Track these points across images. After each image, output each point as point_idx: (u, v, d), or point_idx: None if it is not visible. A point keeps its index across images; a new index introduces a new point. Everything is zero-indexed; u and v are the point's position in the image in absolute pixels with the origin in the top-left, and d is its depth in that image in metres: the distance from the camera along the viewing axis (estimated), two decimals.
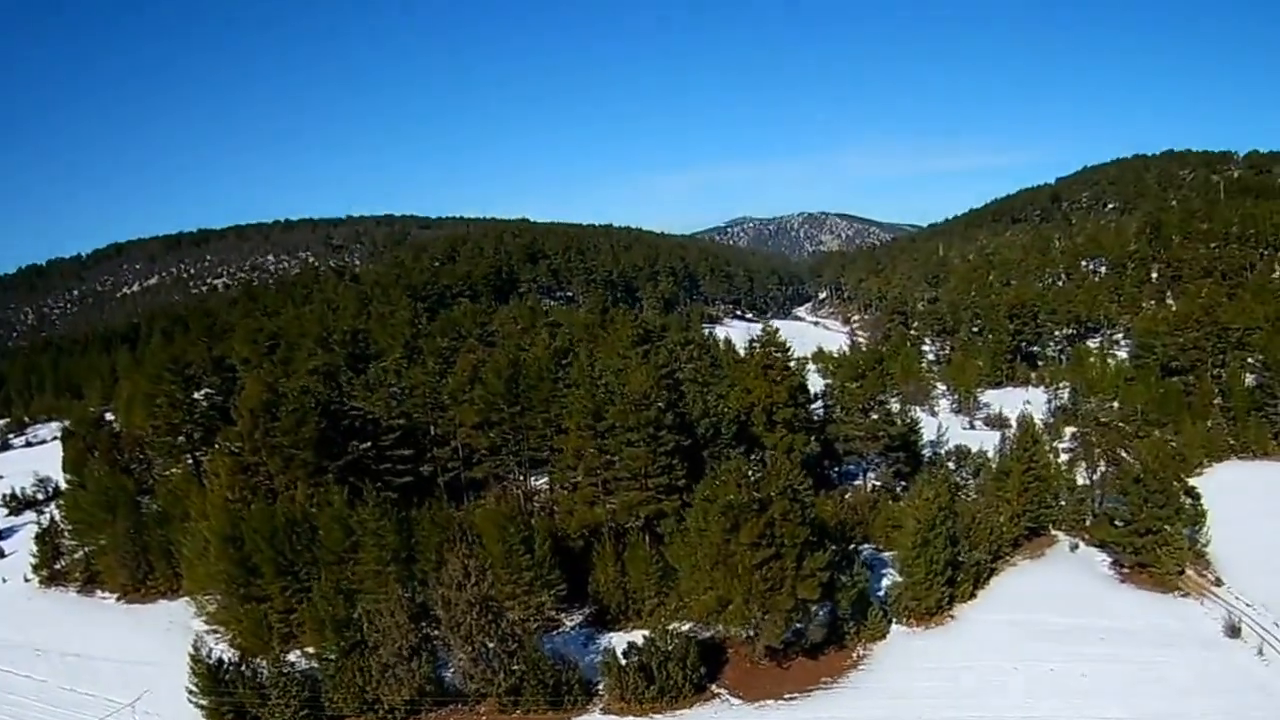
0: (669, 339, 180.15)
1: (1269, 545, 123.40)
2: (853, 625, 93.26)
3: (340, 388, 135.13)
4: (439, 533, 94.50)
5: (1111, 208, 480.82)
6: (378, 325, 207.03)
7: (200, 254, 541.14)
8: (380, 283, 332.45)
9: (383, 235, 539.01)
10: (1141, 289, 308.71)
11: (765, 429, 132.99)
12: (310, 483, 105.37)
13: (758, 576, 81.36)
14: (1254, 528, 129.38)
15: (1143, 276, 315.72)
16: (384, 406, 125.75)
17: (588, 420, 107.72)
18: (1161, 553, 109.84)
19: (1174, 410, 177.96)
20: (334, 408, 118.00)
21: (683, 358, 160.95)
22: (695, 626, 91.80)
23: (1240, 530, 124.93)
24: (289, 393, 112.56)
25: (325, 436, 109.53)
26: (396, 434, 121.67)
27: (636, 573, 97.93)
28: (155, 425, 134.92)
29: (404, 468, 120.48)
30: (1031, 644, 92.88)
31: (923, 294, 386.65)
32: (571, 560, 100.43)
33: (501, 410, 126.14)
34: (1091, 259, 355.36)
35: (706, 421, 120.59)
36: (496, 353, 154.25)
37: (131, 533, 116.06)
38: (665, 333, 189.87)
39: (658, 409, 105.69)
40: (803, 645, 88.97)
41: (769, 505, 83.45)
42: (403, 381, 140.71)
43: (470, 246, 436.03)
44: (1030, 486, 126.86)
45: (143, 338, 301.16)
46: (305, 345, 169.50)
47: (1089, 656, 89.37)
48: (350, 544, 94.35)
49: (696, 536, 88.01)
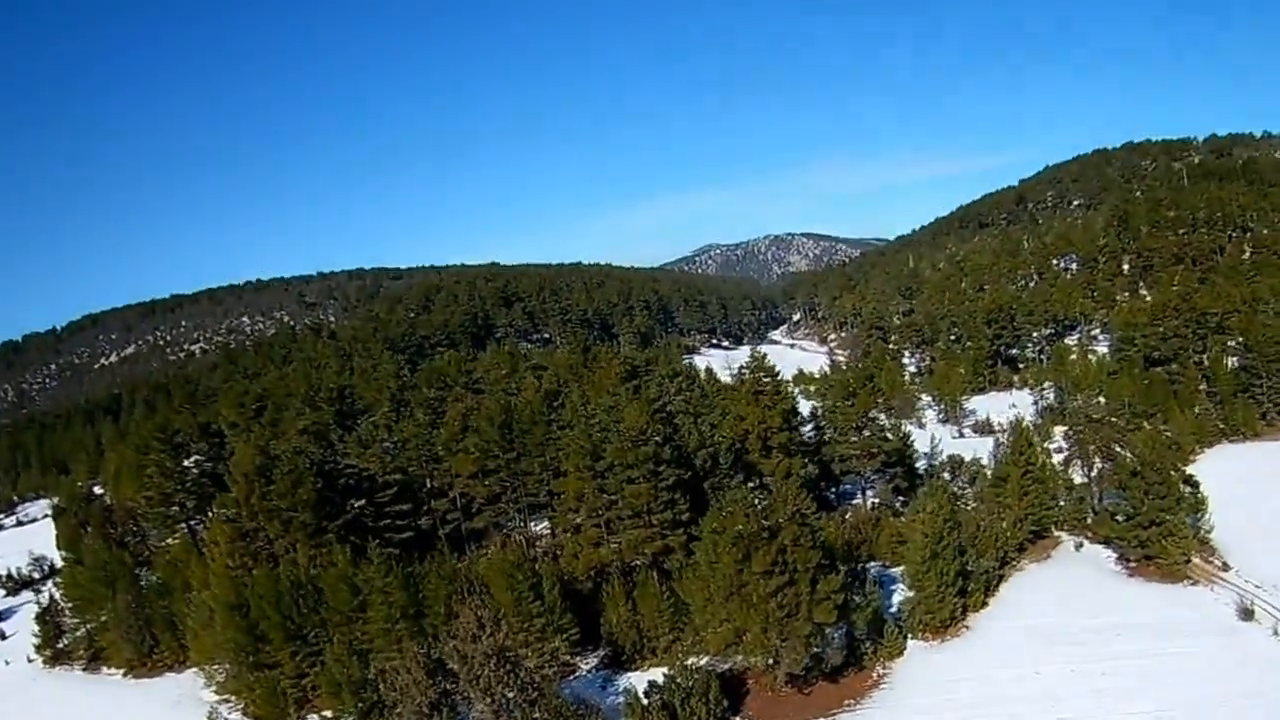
0: (656, 373, 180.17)
1: (1271, 526, 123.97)
2: (870, 645, 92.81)
3: (332, 446, 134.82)
4: (446, 586, 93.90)
5: (1077, 204, 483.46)
6: (362, 380, 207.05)
7: (175, 320, 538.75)
8: (358, 337, 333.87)
9: (355, 289, 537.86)
10: (1114, 282, 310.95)
11: (761, 455, 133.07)
12: (311, 544, 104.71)
13: (773, 604, 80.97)
14: (1254, 509, 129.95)
15: (1114, 270, 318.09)
16: (378, 462, 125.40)
17: (586, 461, 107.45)
18: (1167, 543, 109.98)
19: (1161, 400, 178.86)
20: (328, 467, 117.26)
21: (671, 390, 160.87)
22: (712, 660, 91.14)
23: (1240, 513, 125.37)
24: (282, 455, 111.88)
25: (322, 496, 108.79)
26: (393, 489, 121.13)
27: (648, 610, 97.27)
28: (147, 496, 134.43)
29: (403, 523, 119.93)
30: (1049, 647, 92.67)
31: (897, 307, 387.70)
32: (581, 603, 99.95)
33: (497, 457, 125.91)
34: (1062, 257, 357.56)
35: (704, 453, 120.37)
36: (485, 400, 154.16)
37: (133, 607, 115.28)
38: (652, 367, 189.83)
39: (655, 444, 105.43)
40: (822, 669, 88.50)
41: (779, 532, 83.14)
42: (394, 436, 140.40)
43: (444, 295, 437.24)
44: (1029, 489, 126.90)
45: (125, 408, 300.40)
46: (293, 405, 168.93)
47: (1108, 654, 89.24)
48: (358, 603, 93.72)
49: (707, 569, 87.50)
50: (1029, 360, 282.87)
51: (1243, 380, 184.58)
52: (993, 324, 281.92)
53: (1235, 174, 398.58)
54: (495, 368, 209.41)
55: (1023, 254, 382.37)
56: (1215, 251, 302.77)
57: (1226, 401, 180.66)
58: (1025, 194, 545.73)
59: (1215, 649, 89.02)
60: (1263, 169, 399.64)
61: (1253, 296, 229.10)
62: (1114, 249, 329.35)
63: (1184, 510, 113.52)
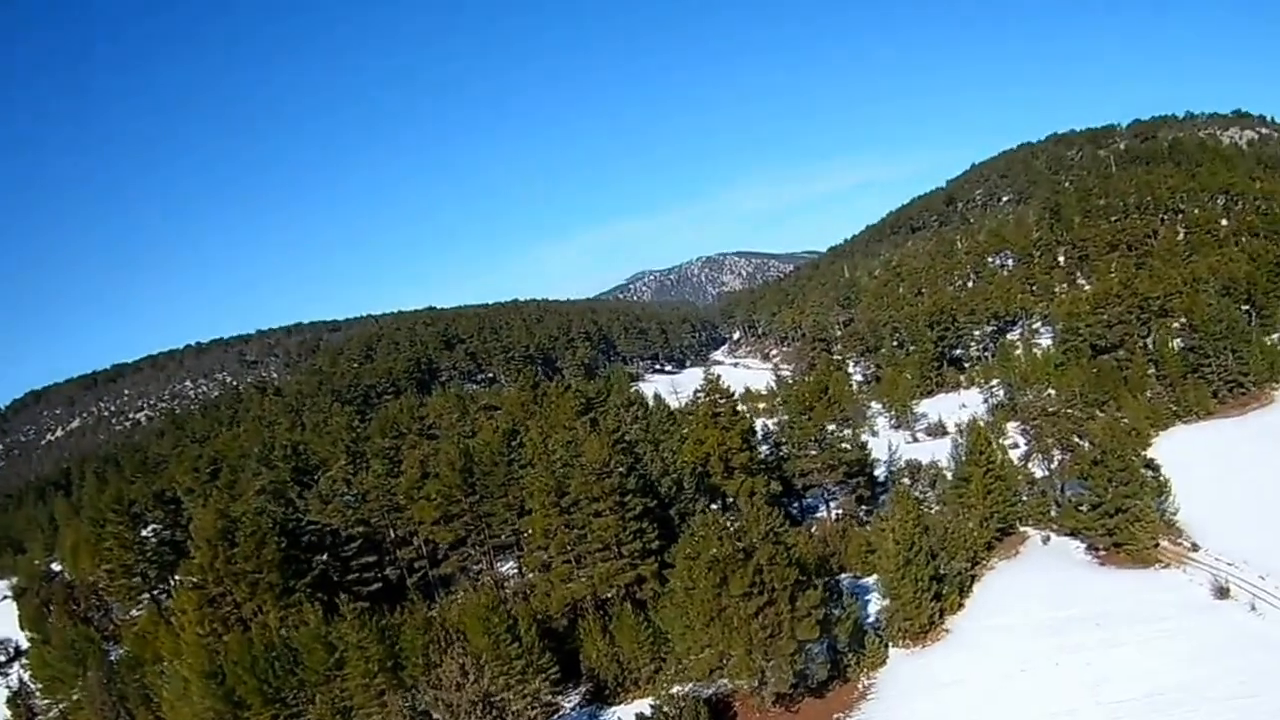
0: (611, 403, 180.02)
1: (1234, 502, 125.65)
2: (853, 657, 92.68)
3: (292, 504, 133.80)
4: (422, 635, 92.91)
5: (1007, 200, 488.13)
6: (315, 435, 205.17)
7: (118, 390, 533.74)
8: (304, 392, 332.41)
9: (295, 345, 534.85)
10: (1051, 274, 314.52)
11: (724, 476, 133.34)
12: (280, 605, 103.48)
13: (755, 625, 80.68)
14: (1216, 487, 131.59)
15: (1051, 262, 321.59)
16: (340, 516, 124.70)
17: (551, 497, 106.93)
18: (1135, 529, 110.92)
19: (1111, 388, 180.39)
20: (291, 525, 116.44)
21: (628, 420, 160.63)
22: (697, 686, 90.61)
23: (1203, 493, 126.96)
24: (243, 516, 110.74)
25: (287, 555, 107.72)
26: (357, 542, 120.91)
27: (627, 642, 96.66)
28: (108, 569, 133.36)
29: (370, 575, 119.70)
30: (1030, 643, 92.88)
31: (837, 317, 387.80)
32: (558, 641, 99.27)
33: (459, 501, 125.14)
34: (997, 254, 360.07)
35: (667, 479, 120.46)
36: (442, 444, 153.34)
37: (105, 683, 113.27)
38: (606, 398, 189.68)
39: (619, 475, 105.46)
40: (808, 685, 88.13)
41: (754, 552, 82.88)
42: (354, 488, 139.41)
43: (385, 343, 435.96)
44: (993, 488, 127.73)
45: (76, 482, 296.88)
46: (247, 466, 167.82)
47: (1089, 645, 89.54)
48: (334, 661, 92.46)
49: (684, 596, 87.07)
50: (974, 359, 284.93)
51: (1191, 361, 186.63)
52: (935, 326, 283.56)
53: (1162, 156, 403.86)
54: (446, 412, 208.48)
55: (957, 254, 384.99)
56: (1149, 236, 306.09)
57: (1177, 383, 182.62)
58: (954, 194, 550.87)
59: (1196, 629, 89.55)
60: (1189, 150, 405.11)
61: (1192, 277, 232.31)
62: (1048, 242, 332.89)
63: (1148, 495, 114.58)
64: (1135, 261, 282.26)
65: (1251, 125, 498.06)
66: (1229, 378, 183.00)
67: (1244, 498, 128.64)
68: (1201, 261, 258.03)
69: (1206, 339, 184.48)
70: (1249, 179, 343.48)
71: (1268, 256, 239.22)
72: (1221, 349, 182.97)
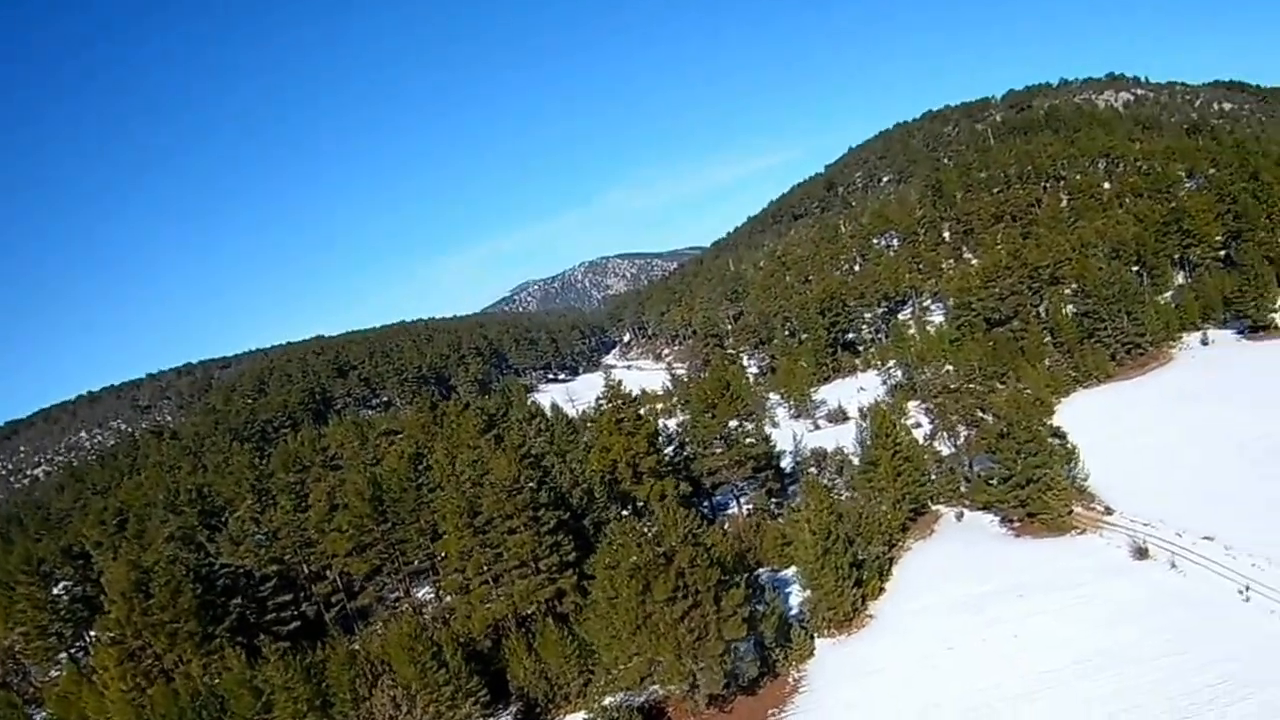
0: (513, 418, 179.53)
1: (1142, 462, 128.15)
2: (780, 651, 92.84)
3: (203, 548, 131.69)
4: (347, 670, 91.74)
5: (888, 180, 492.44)
6: (218, 476, 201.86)
7: (13, 447, 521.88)
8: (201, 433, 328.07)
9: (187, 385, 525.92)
10: (938, 250, 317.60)
11: (633, 482, 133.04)
12: (201, 653, 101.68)
13: (682, 629, 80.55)
14: (1122, 449, 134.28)
15: (936, 239, 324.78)
16: (253, 557, 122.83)
17: (464, 519, 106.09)
18: (1047, 498, 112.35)
19: (1009, 359, 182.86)
20: (204, 570, 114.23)
21: (532, 433, 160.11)
22: (627, 696, 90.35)
23: (1111, 456, 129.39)
24: (156, 566, 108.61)
25: (204, 602, 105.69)
26: (272, 581, 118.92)
27: (553, 658, 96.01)
28: (22, 631, 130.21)
29: (288, 614, 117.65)
30: (955, 620, 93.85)
31: (727, 311, 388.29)
32: (484, 662, 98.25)
33: (371, 530, 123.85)
34: (882, 235, 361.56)
35: (578, 490, 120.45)
36: (348, 474, 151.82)
37: None
38: (507, 413, 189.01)
39: (530, 490, 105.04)
40: (740, 684, 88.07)
41: (674, 556, 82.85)
42: (264, 527, 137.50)
43: (277, 375, 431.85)
44: (902, 469, 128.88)
45: None
46: (154, 514, 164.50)
47: (1013, 617, 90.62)
48: (262, 705, 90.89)
49: (607, 606, 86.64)
50: (868, 342, 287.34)
51: (1086, 326, 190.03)
52: (826, 313, 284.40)
53: (1040, 125, 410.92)
54: (347, 441, 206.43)
55: (842, 239, 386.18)
56: (1033, 205, 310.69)
57: (1074, 350, 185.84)
58: (834, 179, 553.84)
59: (1118, 592, 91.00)
60: (1066, 116, 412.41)
61: (1080, 243, 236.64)
62: (932, 219, 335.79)
63: (1057, 463, 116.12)
64: (1021, 231, 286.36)
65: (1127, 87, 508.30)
66: (1125, 340, 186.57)
67: (1152, 458, 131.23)
68: (1088, 226, 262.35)
69: (1100, 303, 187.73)
70: (1128, 141, 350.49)
71: (1154, 217, 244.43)
72: (1116, 312, 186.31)
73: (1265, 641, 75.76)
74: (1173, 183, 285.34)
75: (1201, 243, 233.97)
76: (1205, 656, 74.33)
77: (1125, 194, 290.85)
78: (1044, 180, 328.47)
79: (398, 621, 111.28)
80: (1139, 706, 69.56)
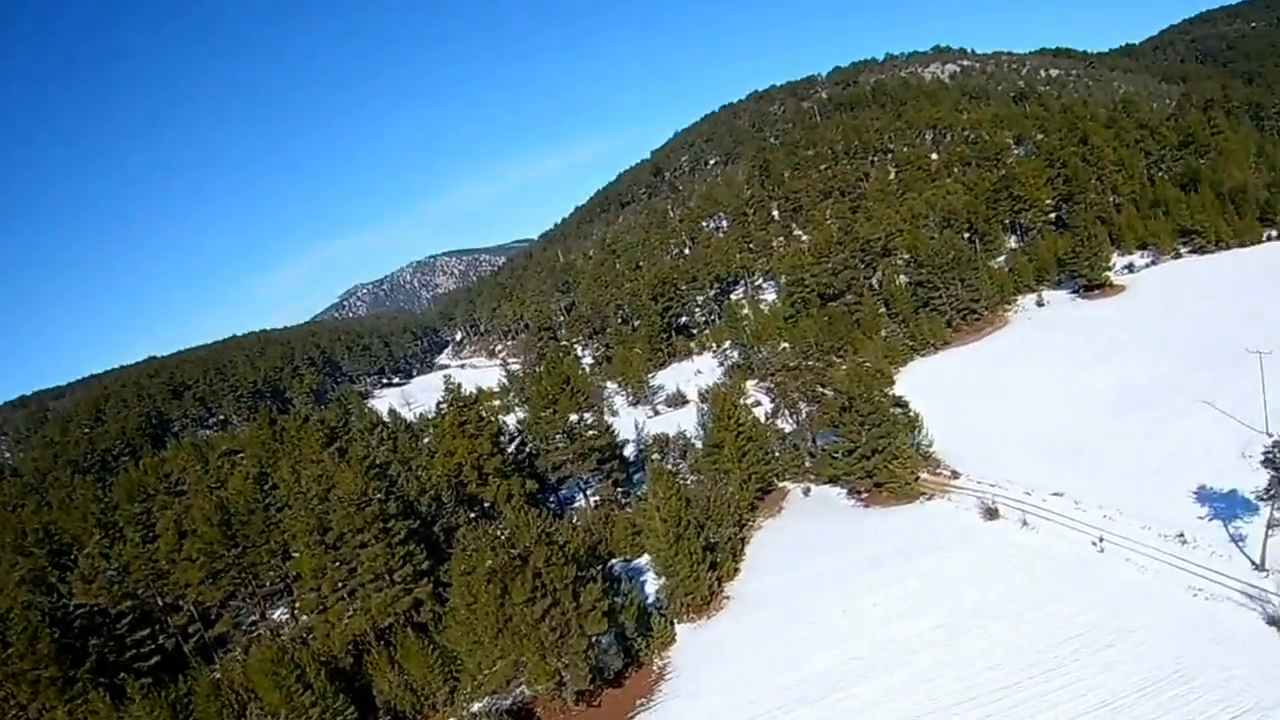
0: (355, 428, 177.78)
1: (983, 426, 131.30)
2: (643, 641, 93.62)
3: (56, 589, 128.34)
4: (214, 701, 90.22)
5: (715, 163, 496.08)
6: (63, 513, 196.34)
7: None
8: (40, 468, 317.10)
9: (22, 419, 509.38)
10: (768, 229, 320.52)
11: (479, 484, 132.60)
12: (65, 699, 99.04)
13: (544, 628, 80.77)
14: (963, 414, 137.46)
15: (765, 218, 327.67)
16: (106, 594, 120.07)
17: (315, 536, 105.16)
18: (893, 467, 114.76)
19: (845, 333, 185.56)
20: (59, 613, 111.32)
21: (374, 443, 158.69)
22: (494, 700, 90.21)
23: (952, 421, 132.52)
24: (11, 613, 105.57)
25: (62, 646, 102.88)
26: (128, 618, 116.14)
27: (417, 668, 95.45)
28: None
29: (147, 649, 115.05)
30: (813, 593, 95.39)
31: (559, 303, 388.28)
32: (347, 679, 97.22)
33: (222, 556, 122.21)
34: (710, 217, 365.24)
35: (426, 497, 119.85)
36: (194, 500, 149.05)
37: None
38: (347, 423, 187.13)
39: (378, 502, 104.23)
40: (605, 677, 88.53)
41: (529, 557, 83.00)
42: (114, 562, 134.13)
43: (114, 402, 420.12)
44: (746, 449, 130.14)
45: None
46: (3, 557, 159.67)
47: (872, 586, 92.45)
48: None
49: (467, 612, 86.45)
50: (702, 325, 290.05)
51: (921, 295, 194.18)
52: (658, 298, 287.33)
53: (866, 100, 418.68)
54: (189, 465, 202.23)
55: (671, 223, 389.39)
56: (861, 179, 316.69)
57: (910, 319, 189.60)
58: (661, 164, 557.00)
59: (973, 553, 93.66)
60: (892, 90, 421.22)
61: (911, 214, 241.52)
62: (760, 198, 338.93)
63: (901, 432, 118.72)
64: (850, 206, 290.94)
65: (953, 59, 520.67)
66: (960, 306, 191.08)
67: (992, 420, 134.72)
68: (917, 198, 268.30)
69: (933, 272, 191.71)
70: (955, 111, 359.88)
71: (983, 185, 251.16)
72: (949, 280, 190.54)
73: (1122, 589, 78.77)
74: (1001, 150, 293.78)
75: (1033, 207, 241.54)
76: (1066, 609, 76.84)
77: (954, 164, 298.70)
78: (872, 154, 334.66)
79: (257, 646, 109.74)
80: (1002, 665, 71.49)
